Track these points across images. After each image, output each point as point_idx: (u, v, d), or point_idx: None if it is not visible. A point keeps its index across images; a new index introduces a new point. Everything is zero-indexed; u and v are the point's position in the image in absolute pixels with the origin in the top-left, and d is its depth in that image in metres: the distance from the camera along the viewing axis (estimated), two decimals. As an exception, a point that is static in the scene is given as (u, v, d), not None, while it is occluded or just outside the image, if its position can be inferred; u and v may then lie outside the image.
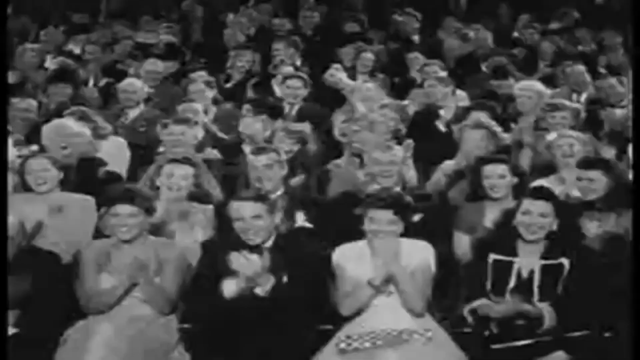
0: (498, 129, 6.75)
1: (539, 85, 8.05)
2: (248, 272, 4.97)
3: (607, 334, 5.02)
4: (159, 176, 5.97)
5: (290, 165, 6.28)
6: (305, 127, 7.22)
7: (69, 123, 6.83)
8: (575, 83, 8.77)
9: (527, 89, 7.88)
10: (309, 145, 6.83)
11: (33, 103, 7.84)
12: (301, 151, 6.74)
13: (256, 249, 5.08)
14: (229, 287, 5.03)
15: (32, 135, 7.25)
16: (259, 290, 5.01)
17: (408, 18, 11.15)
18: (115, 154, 7.07)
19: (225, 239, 5.34)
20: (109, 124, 7.39)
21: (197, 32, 11.75)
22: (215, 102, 8.37)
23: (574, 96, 8.57)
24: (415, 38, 10.98)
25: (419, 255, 5.15)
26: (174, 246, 5.45)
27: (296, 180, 6.38)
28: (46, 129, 6.75)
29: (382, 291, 5.11)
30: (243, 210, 5.15)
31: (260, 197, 5.26)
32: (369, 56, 9.61)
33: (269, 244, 5.17)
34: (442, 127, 7.83)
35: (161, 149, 7.01)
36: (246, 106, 7.76)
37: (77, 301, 5.24)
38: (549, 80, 9.18)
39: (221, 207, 5.65)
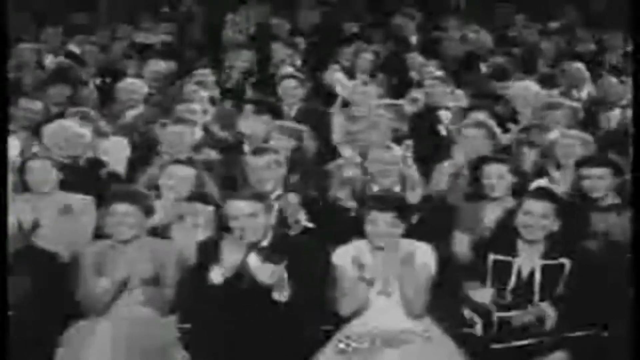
0: (497, 129, 6.75)
1: (534, 86, 8.07)
2: (268, 281, 4.97)
3: (606, 334, 5.03)
4: (160, 177, 5.98)
5: (289, 164, 6.28)
6: (302, 127, 7.20)
7: (70, 124, 6.82)
8: (575, 82, 8.78)
9: (524, 89, 7.90)
10: (305, 143, 6.82)
11: (38, 104, 7.84)
12: (298, 149, 6.73)
13: (274, 257, 5.07)
14: (215, 274, 5.02)
15: (33, 135, 7.24)
16: (277, 296, 5.01)
17: (407, 18, 11.15)
18: (115, 153, 7.06)
19: (223, 238, 5.33)
20: (109, 124, 7.39)
21: (196, 31, 11.76)
22: (212, 102, 8.37)
23: (574, 95, 8.58)
24: (415, 38, 10.99)
25: (420, 257, 5.15)
26: (173, 247, 5.45)
27: (295, 181, 6.37)
28: (47, 130, 6.74)
29: (382, 292, 5.12)
30: (239, 208, 5.15)
31: (256, 196, 5.25)
32: (368, 56, 9.61)
33: (265, 242, 5.17)
34: (441, 127, 7.83)
35: (158, 149, 7.00)
36: (247, 106, 7.76)
37: (77, 301, 5.24)
38: (548, 80, 9.19)
39: (220, 208, 5.65)
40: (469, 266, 5.38)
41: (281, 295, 4.99)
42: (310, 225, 5.81)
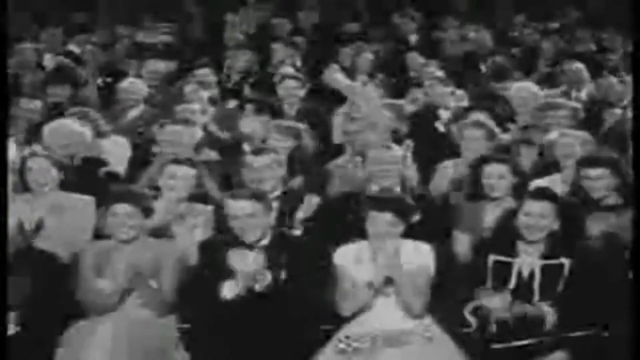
0: (497, 129, 6.75)
1: (533, 86, 8.08)
2: (246, 269, 4.97)
3: (607, 334, 5.02)
4: (160, 177, 5.98)
5: (288, 164, 6.28)
6: (300, 125, 7.20)
7: (70, 123, 6.82)
8: (575, 82, 8.78)
9: (522, 90, 7.90)
10: (304, 141, 6.81)
11: (38, 104, 7.85)
12: (297, 148, 6.72)
13: (250, 246, 5.07)
14: (229, 289, 5.03)
15: (33, 135, 7.24)
16: (257, 287, 5.00)
17: (407, 18, 11.17)
18: (116, 152, 7.06)
19: (223, 238, 5.33)
20: (109, 124, 7.39)
21: (196, 31, 11.76)
22: (212, 102, 8.37)
23: (574, 95, 8.58)
24: (414, 38, 10.99)
25: (419, 257, 5.15)
26: (173, 247, 5.45)
27: (295, 182, 6.37)
28: (47, 129, 6.74)
29: (382, 292, 5.11)
30: (238, 208, 5.16)
31: (256, 196, 5.25)
32: (368, 56, 9.61)
33: (265, 242, 5.17)
34: (441, 127, 7.83)
35: (158, 150, 7.00)
36: (247, 106, 7.77)
37: (77, 301, 5.24)
38: (548, 80, 9.19)
39: (220, 208, 5.65)
40: (469, 266, 5.38)
41: (260, 285, 4.98)
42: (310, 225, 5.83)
